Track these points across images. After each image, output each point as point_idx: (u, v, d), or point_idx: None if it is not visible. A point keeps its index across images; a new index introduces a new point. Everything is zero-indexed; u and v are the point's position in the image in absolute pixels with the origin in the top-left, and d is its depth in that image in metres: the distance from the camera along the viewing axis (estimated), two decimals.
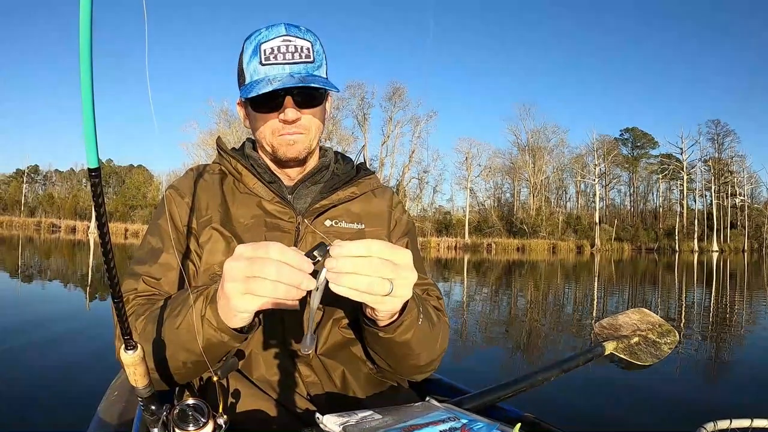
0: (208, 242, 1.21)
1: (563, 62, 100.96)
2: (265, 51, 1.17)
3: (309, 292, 0.86)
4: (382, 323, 1.02)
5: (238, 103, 1.33)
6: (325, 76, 1.24)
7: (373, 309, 0.96)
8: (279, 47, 1.17)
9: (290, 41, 1.18)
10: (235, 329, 0.95)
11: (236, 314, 0.90)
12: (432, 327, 1.15)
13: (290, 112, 1.19)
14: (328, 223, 1.28)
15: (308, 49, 1.20)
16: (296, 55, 1.18)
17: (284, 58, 1.17)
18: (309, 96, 1.21)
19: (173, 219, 1.25)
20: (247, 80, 1.20)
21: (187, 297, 1.00)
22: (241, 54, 1.23)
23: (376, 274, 0.85)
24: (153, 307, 1.11)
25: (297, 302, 0.85)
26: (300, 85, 1.14)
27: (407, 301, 0.99)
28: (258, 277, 0.81)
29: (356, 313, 1.20)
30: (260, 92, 1.14)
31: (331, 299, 1.16)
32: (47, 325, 6.36)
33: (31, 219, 60.09)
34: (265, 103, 1.20)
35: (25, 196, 69.30)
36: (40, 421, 3.31)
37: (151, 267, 1.20)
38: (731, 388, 4.75)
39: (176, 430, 0.86)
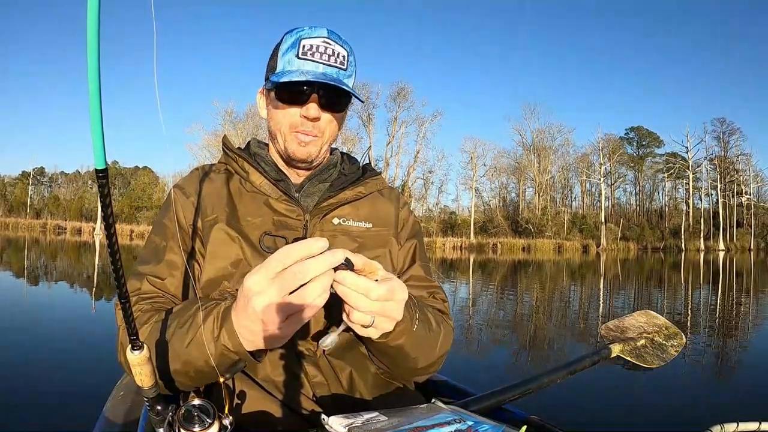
0: (213, 242, 1.20)
1: (568, 61, 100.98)
2: (304, 46, 1.20)
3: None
4: None
5: (260, 92, 1.34)
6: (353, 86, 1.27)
7: None
8: (318, 46, 1.20)
9: (330, 44, 1.21)
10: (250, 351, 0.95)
11: (281, 341, 0.92)
12: (429, 331, 1.16)
13: (313, 109, 1.20)
14: (336, 221, 1.28)
15: (344, 57, 1.23)
16: (332, 59, 1.20)
17: (320, 58, 1.20)
18: (334, 100, 1.23)
19: (178, 219, 1.25)
20: (279, 69, 1.22)
21: (196, 313, 1.00)
22: (278, 45, 1.25)
23: (359, 309, 0.93)
24: (157, 316, 1.09)
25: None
26: (332, 83, 1.17)
27: None
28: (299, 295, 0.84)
29: None
30: (292, 79, 1.16)
31: (339, 300, 1.17)
32: (53, 326, 6.40)
33: (36, 221, 60.31)
34: (291, 95, 1.22)
35: (30, 198, 69.62)
36: (47, 420, 3.32)
37: (156, 267, 1.20)
38: (738, 390, 4.72)
39: (182, 430, 0.86)
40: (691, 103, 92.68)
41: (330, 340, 0.97)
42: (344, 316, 0.96)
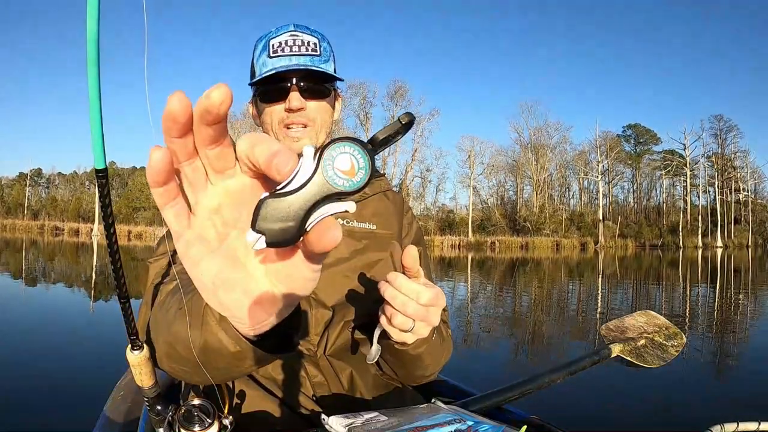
0: None
1: (565, 59, 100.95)
2: (273, 45, 1.23)
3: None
4: None
5: (250, 103, 1.35)
6: (332, 71, 1.28)
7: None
8: (286, 41, 1.23)
9: (297, 36, 1.24)
10: (250, 340, 0.63)
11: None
12: (442, 341, 1.17)
13: (295, 99, 1.21)
14: (339, 222, 1.26)
15: (315, 44, 1.25)
16: (303, 48, 1.23)
17: (291, 51, 1.22)
18: (314, 87, 1.24)
19: None
20: (257, 74, 1.25)
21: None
22: (253, 53, 1.28)
23: (406, 312, 0.92)
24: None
25: None
26: (301, 68, 1.20)
27: None
28: None
29: (367, 314, 1.20)
30: (263, 75, 1.20)
31: (341, 300, 1.16)
32: (53, 327, 6.39)
33: (34, 222, 60.27)
34: (271, 93, 1.23)
35: (28, 199, 69.50)
36: (48, 420, 3.32)
37: None
38: (738, 390, 4.72)
39: (182, 430, 0.86)
40: (689, 100, 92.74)
41: (375, 351, 0.97)
42: (383, 320, 0.95)
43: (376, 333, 0.98)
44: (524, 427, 0.87)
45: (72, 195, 69.57)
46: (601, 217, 58.70)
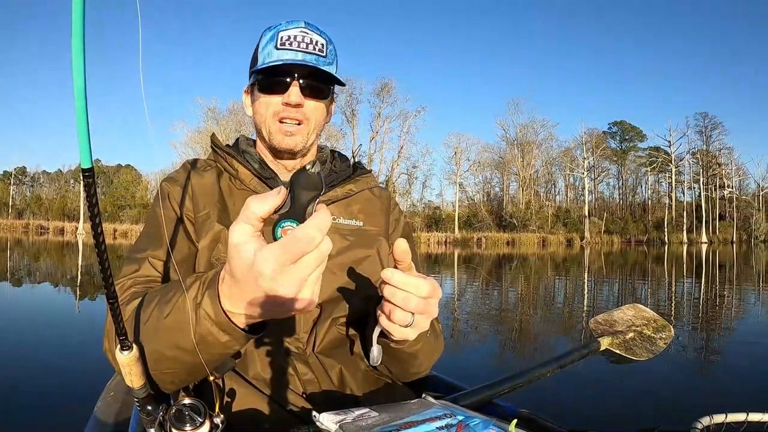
0: (206, 237, 1.19)
1: (552, 56, 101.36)
2: (282, 37, 1.22)
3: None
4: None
5: (245, 91, 1.35)
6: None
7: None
8: (296, 36, 1.22)
9: (307, 33, 1.23)
10: (241, 328, 0.79)
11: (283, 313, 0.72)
12: (436, 338, 1.19)
13: (294, 95, 1.21)
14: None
15: (323, 44, 1.24)
16: (311, 47, 1.22)
17: (299, 46, 1.21)
18: (315, 86, 1.24)
19: (173, 209, 1.23)
20: (259, 62, 1.24)
21: (184, 283, 0.85)
22: (258, 41, 1.27)
23: (407, 307, 0.92)
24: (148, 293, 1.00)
25: None
26: (310, 65, 1.20)
27: None
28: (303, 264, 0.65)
29: (355, 311, 1.20)
30: (269, 65, 1.19)
31: (329, 297, 1.16)
32: (40, 327, 6.33)
33: (19, 221, 59.83)
34: (271, 84, 1.23)
35: (12, 198, 68.85)
36: (37, 422, 3.29)
37: (155, 251, 1.16)
38: (726, 382, 4.76)
39: (173, 430, 0.85)
40: (674, 97, 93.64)
41: (377, 353, 0.97)
42: (382, 320, 0.95)
43: (376, 333, 0.98)
44: (514, 421, 0.87)
45: (57, 193, 69.04)
46: (587, 213, 59.12)
